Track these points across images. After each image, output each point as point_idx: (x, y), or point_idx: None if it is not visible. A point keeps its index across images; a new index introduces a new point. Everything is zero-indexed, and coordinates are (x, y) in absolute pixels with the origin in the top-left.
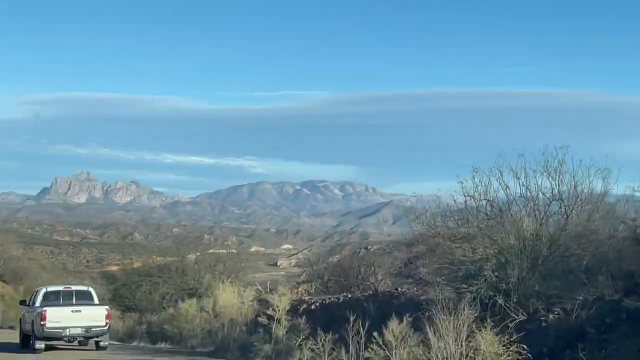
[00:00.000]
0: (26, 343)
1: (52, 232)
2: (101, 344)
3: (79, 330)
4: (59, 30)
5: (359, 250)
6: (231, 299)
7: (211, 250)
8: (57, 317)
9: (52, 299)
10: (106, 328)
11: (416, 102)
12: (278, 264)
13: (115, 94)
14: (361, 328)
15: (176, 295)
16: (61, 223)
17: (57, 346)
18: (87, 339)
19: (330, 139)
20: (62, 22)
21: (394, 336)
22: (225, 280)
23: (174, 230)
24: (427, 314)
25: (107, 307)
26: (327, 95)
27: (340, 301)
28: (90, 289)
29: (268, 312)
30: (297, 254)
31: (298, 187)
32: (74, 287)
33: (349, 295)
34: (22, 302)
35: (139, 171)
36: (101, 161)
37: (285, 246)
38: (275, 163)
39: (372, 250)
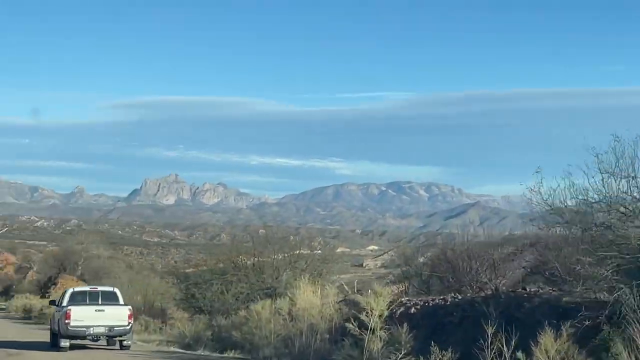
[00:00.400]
0: (55, 342)
1: (142, 233)
2: (125, 343)
3: (102, 330)
4: (148, 35)
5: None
6: (312, 300)
7: (297, 252)
8: (81, 316)
9: (78, 299)
10: (129, 328)
11: (502, 102)
12: (364, 265)
13: (202, 97)
14: (503, 345)
15: (252, 295)
16: (150, 224)
17: (89, 346)
18: (110, 337)
19: (414, 140)
20: (152, 27)
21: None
22: (306, 278)
23: (260, 232)
24: (586, 322)
25: (129, 307)
26: (410, 96)
27: (448, 303)
28: (116, 290)
29: (360, 317)
30: (383, 254)
31: (383, 188)
32: (100, 288)
33: (459, 296)
34: (52, 302)
35: (225, 173)
36: (189, 163)
37: (371, 247)
38: (360, 164)
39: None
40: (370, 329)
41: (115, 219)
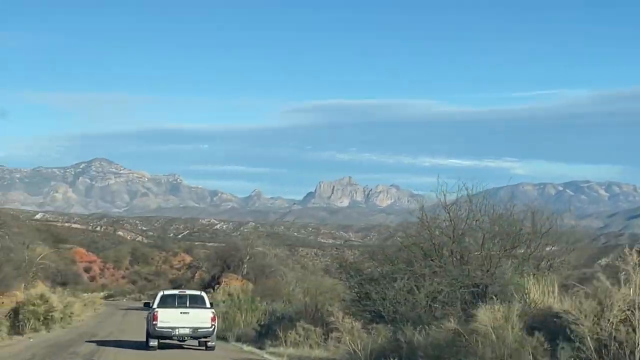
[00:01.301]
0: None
1: (317, 235)
2: (209, 344)
3: (187, 331)
4: (320, 42)
5: None
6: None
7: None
8: (168, 318)
9: (168, 301)
10: (211, 329)
11: None
12: None
13: (375, 100)
14: None
15: (453, 295)
16: (325, 226)
17: (185, 346)
18: (194, 339)
19: (591, 138)
20: (326, 36)
21: None
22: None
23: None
24: None
25: (213, 310)
26: (584, 94)
27: None
28: (203, 294)
29: None
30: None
31: (560, 188)
32: (188, 292)
33: None
34: (146, 304)
35: (398, 175)
36: (362, 166)
37: (548, 248)
38: (535, 164)
39: None
40: None
41: (290, 221)
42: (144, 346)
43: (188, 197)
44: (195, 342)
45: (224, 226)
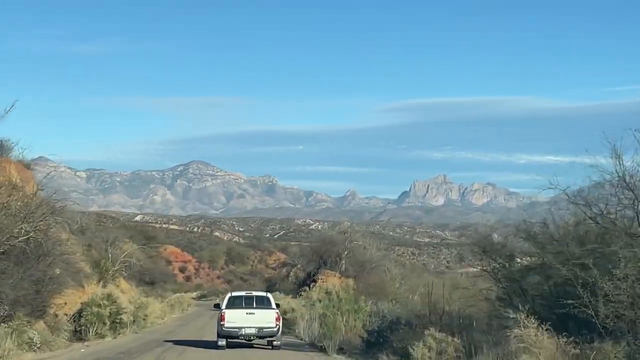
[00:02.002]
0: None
1: (412, 234)
2: (274, 343)
3: (253, 330)
4: (414, 41)
5: None
6: None
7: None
8: (234, 318)
9: (235, 302)
10: (276, 329)
11: None
12: None
13: (467, 98)
14: None
15: None
16: (420, 225)
17: (255, 345)
18: (260, 338)
19: None
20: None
21: None
22: None
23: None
24: None
25: (277, 310)
26: None
27: None
28: (269, 295)
29: None
30: None
31: None
32: (254, 293)
33: None
34: (216, 305)
35: (493, 173)
36: (457, 164)
37: None
38: (637, 159)
39: None
40: None
41: (385, 220)
42: (213, 345)
43: (283, 197)
44: (264, 342)
45: (319, 226)
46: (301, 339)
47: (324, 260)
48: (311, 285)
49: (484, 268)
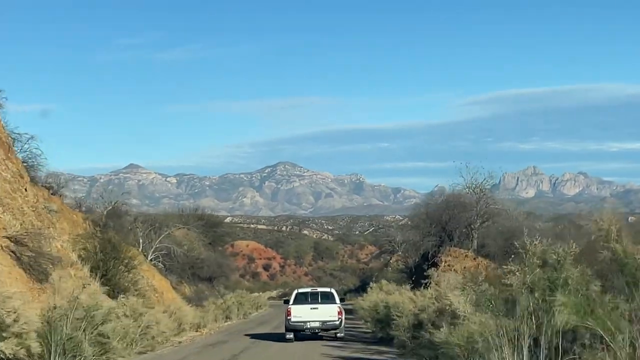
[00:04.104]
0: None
1: None
2: (338, 335)
3: (317, 324)
4: (493, 33)
5: None
6: None
7: None
8: (300, 313)
9: (301, 298)
10: (338, 322)
11: None
12: None
13: (554, 88)
14: None
15: None
16: None
17: (324, 337)
18: (323, 331)
19: None
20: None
21: None
22: None
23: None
24: None
25: (339, 305)
26: None
27: None
28: (332, 290)
29: None
30: None
31: None
32: (319, 289)
33: None
34: (286, 301)
35: (584, 162)
36: (546, 154)
37: None
38: None
39: None
40: None
41: None
42: (282, 338)
43: (371, 195)
44: (332, 334)
45: (409, 222)
46: None
47: (449, 233)
48: (430, 274)
49: None
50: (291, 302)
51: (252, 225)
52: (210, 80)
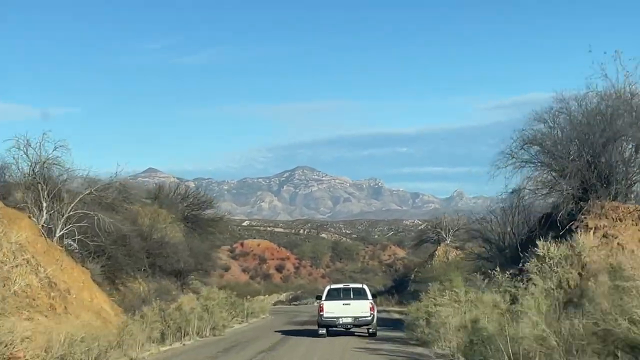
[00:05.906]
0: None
1: None
2: (370, 331)
3: (349, 320)
4: (514, 37)
5: None
6: None
7: None
8: (332, 309)
9: (333, 294)
10: (370, 318)
11: None
12: None
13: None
14: None
15: None
16: None
17: (356, 333)
18: (356, 326)
19: None
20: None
21: None
22: None
23: None
24: None
25: (371, 301)
26: None
27: None
28: (364, 287)
29: None
30: None
31: None
32: (351, 285)
33: None
34: (318, 297)
35: None
36: None
37: None
38: None
39: None
40: None
41: None
42: (316, 333)
43: (390, 200)
44: (364, 330)
45: (429, 227)
46: None
47: (603, 172)
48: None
49: None
50: (323, 298)
51: (268, 228)
52: (229, 85)
